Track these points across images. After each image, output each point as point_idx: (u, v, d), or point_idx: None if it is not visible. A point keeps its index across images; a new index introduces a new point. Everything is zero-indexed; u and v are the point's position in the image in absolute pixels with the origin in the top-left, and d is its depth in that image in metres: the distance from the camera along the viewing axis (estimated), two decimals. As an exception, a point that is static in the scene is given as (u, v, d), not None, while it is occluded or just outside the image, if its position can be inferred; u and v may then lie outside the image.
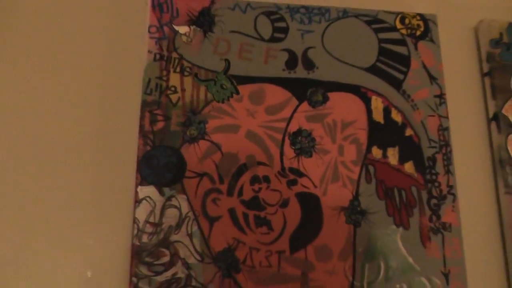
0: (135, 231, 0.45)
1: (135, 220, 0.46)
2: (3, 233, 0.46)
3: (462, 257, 0.49)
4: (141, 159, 0.47)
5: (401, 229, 0.49)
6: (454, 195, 0.50)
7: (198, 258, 0.45)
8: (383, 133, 0.51)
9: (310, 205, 0.48)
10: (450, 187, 0.51)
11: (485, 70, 0.56)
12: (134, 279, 0.44)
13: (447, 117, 0.53)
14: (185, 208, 0.46)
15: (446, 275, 0.48)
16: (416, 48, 0.55)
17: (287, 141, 0.50)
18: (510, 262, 0.51)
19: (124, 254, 0.46)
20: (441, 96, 0.53)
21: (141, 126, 0.48)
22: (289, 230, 0.47)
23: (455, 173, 0.51)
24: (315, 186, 0.49)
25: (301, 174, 0.49)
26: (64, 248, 0.46)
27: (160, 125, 0.48)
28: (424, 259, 0.48)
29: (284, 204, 0.48)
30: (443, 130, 0.52)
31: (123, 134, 0.49)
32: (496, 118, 0.54)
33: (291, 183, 0.49)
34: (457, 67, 0.56)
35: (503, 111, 0.54)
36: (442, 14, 0.57)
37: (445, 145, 0.52)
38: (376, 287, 0.47)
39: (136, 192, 0.46)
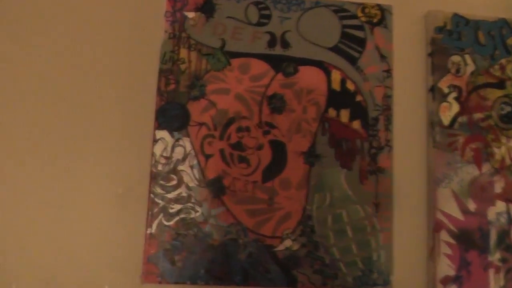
0: (153, 162, 0.64)
1: (153, 154, 0.64)
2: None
3: (390, 193, 0.65)
4: (158, 111, 0.65)
5: (345, 170, 0.65)
6: (390, 146, 0.66)
7: (196, 183, 0.64)
8: (339, 98, 0.67)
9: (279, 149, 0.65)
10: (388, 140, 0.66)
11: (429, 51, 0.69)
12: (152, 196, 0.63)
13: (391, 88, 0.68)
14: (188, 147, 0.64)
15: (376, 205, 0.65)
16: (372, 33, 0.69)
17: (264, 102, 0.66)
18: (430, 198, 0.66)
19: (145, 178, 0.64)
20: (388, 71, 0.68)
21: (158, 87, 0.65)
22: (262, 166, 0.65)
23: (393, 131, 0.67)
24: (283, 136, 0.66)
25: (273, 126, 0.66)
26: (103, 173, 0.65)
27: (172, 86, 0.65)
28: (360, 192, 0.65)
29: (260, 147, 0.65)
30: (387, 97, 0.67)
31: (145, 93, 0.66)
32: (433, 89, 0.68)
33: (266, 132, 0.66)
34: (406, 48, 0.69)
35: (439, 85, 0.68)
36: (397, 5, 0.70)
37: (387, 109, 0.67)
38: (322, 210, 0.64)
39: (154, 134, 0.64)
